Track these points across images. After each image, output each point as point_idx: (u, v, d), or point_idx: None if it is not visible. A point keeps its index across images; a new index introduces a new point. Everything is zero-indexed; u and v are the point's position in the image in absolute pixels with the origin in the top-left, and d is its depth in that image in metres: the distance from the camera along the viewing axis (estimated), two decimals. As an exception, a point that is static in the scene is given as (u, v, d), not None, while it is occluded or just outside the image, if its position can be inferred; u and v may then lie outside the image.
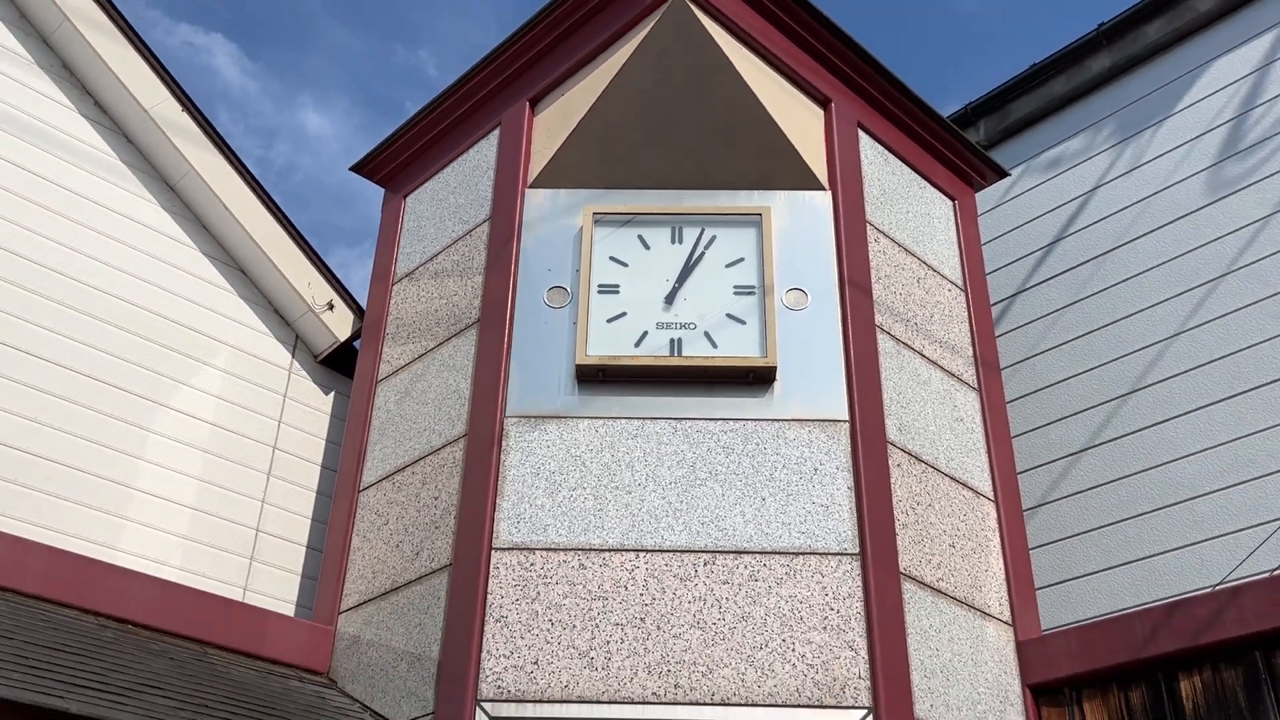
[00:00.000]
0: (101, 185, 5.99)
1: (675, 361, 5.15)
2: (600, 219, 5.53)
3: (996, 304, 6.70)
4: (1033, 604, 5.33)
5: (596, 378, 5.17)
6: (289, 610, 5.90)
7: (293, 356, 6.44)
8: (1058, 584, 5.53)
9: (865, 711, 4.48)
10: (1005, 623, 5.24)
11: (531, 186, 5.76)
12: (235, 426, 6.08)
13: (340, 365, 6.60)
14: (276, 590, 5.84)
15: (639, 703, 4.50)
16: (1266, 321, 5.59)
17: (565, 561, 4.80)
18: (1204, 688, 4.69)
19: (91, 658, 4.19)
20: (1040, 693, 5.11)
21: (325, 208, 28.96)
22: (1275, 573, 4.69)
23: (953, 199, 6.54)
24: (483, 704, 4.53)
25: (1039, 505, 5.84)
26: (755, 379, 5.13)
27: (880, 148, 6.22)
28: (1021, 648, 5.20)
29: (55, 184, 5.86)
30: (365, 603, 5.33)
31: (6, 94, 5.82)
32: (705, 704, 4.49)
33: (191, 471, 5.83)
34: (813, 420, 5.08)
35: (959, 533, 5.29)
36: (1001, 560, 5.41)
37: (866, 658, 4.60)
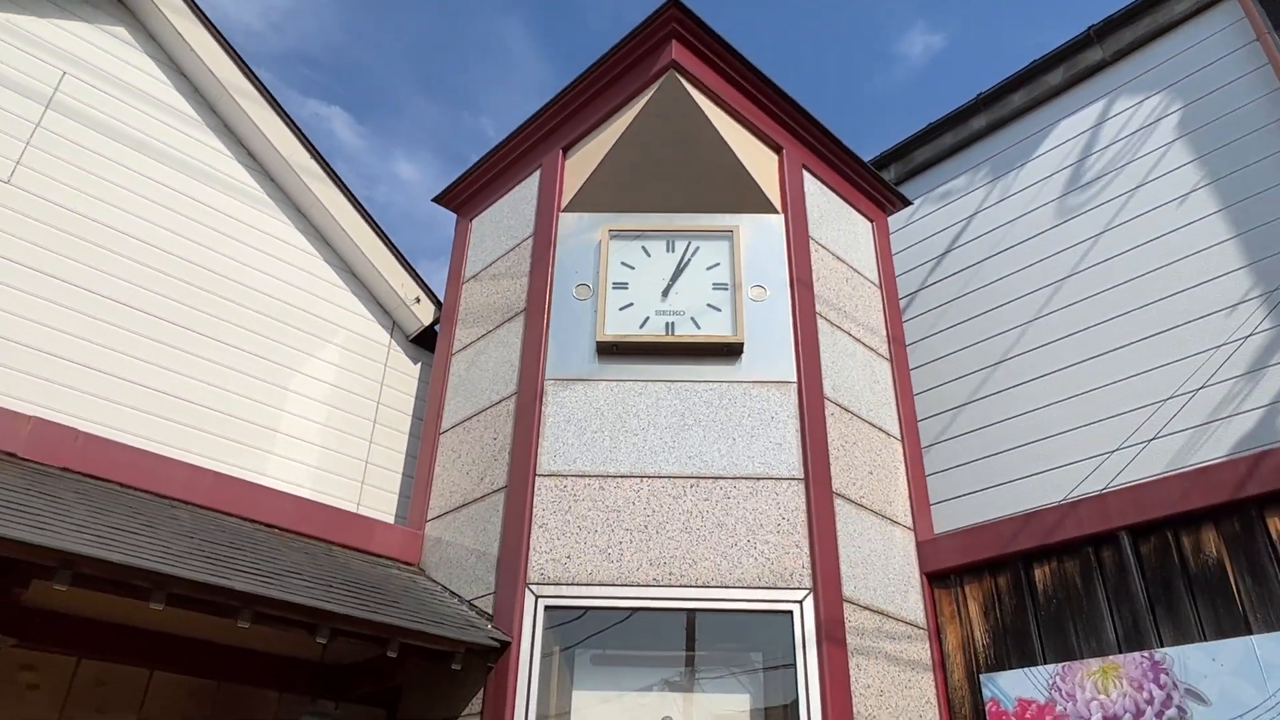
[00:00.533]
0: (252, 212, 6.05)
1: (669, 338, 5.20)
2: (614, 234, 5.58)
3: (904, 298, 6.76)
4: (928, 514, 5.42)
5: (612, 351, 5.22)
6: (389, 519, 5.99)
7: (390, 336, 6.50)
8: (947, 500, 5.61)
9: (807, 591, 4.56)
10: (908, 528, 5.32)
11: (564, 211, 5.81)
12: (349, 386, 6.16)
13: (425, 343, 6.68)
14: (380, 505, 5.93)
15: (643, 585, 4.57)
16: (1098, 311, 5.66)
17: (589, 484, 4.87)
18: (1051, 574, 4.78)
19: (248, 551, 4.27)
20: (934, 578, 5.20)
21: (413, 231, 29.57)
22: (1102, 492, 4.77)
23: (871, 220, 6.60)
24: (530, 586, 4.60)
25: (933, 444, 5.93)
26: (728, 351, 5.19)
27: (819, 182, 6.26)
28: (920, 546, 5.27)
29: (220, 212, 5.92)
30: (445, 514, 5.40)
31: (184, 145, 5.87)
32: (691, 586, 4.57)
33: (318, 419, 5.91)
34: (770, 381, 5.15)
35: (875, 463, 5.36)
36: (906, 483, 5.48)
37: (808, 553, 4.67)
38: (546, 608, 4.59)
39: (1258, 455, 4.34)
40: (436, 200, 6.84)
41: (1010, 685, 4.04)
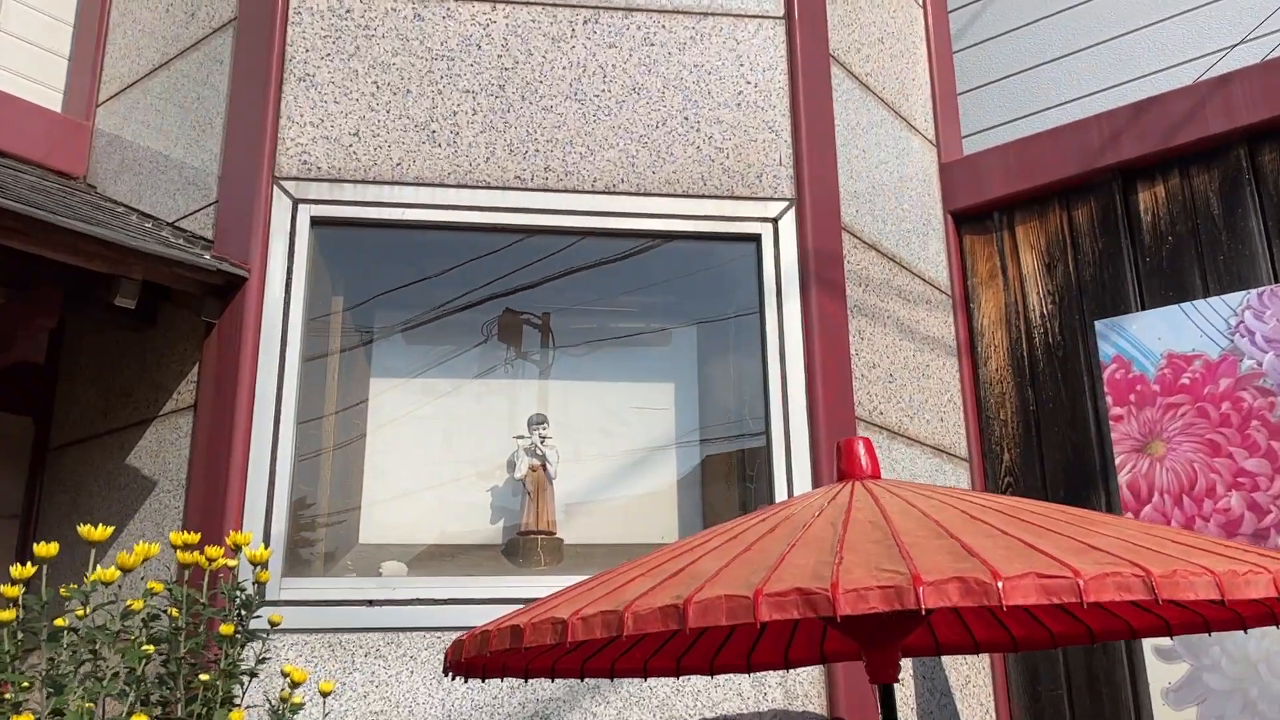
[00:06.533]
0: None
1: None
2: None
3: None
4: (955, 124, 3.87)
5: None
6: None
7: None
8: (989, 129, 3.97)
9: (787, 204, 2.99)
10: (929, 141, 3.76)
11: None
12: None
13: None
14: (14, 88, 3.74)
15: (497, 188, 2.89)
16: None
17: (395, 10, 3.00)
18: (1168, 196, 3.35)
19: None
20: (964, 219, 3.76)
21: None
22: (1274, 55, 3.27)
23: None
24: (282, 182, 2.82)
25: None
26: None
27: None
28: (945, 171, 3.75)
29: None
30: (130, 87, 3.43)
31: None
32: (584, 191, 2.92)
33: None
34: None
35: (888, 24, 3.71)
36: (929, 68, 3.87)
37: (790, 142, 3.04)
38: (316, 222, 2.86)
39: None
40: None
41: (1153, 333, 2.61)
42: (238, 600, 2.08)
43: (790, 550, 1.48)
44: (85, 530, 1.87)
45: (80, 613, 1.95)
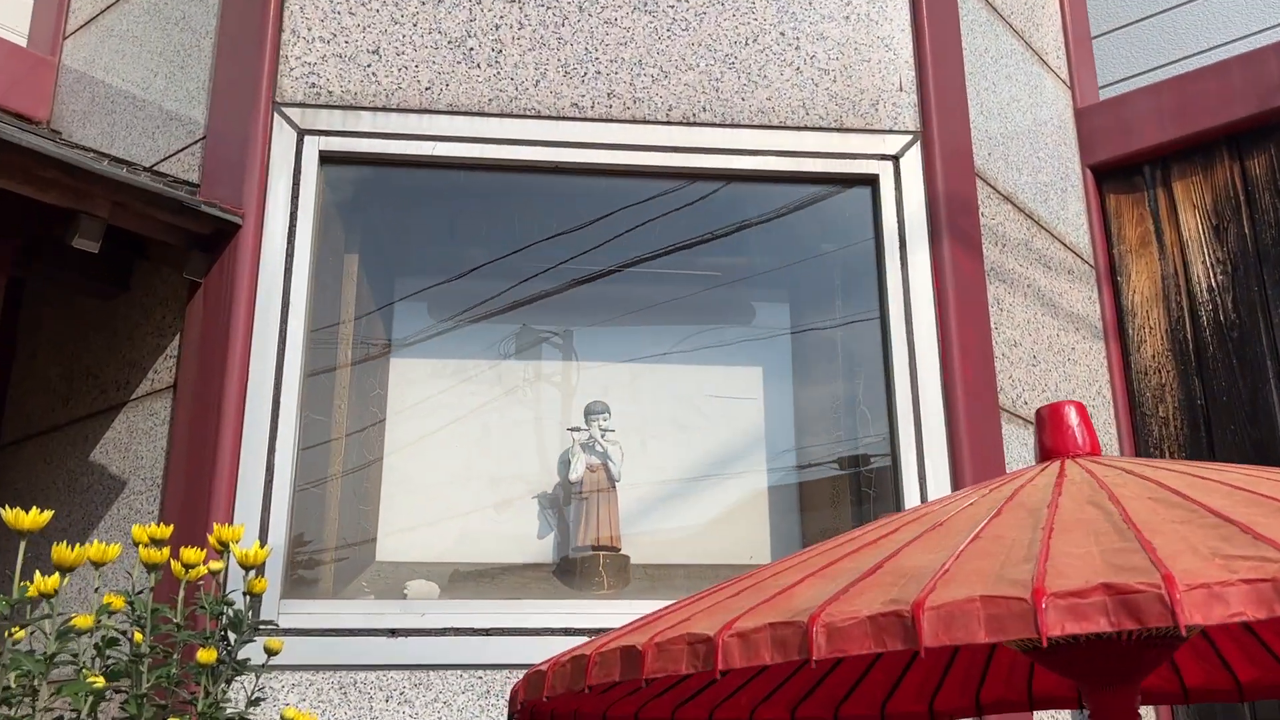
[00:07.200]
0: None
1: None
2: None
3: None
4: (1092, 70, 3.40)
5: None
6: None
7: None
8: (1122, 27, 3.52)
9: (910, 138, 2.53)
10: (1063, 81, 3.30)
11: None
12: None
13: None
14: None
15: (550, 117, 2.46)
16: None
17: (426, -94, 2.58)
18: (1375, 138, 2.87)
19: None
20: (1107, 174, 3.28)
21: None
22: None
23: None
24: (285, 109, 2.42)
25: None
26: None
27: None
28: (1083, 116, 3.29)
29: None
30: (103, 12, 3.03)
31: None
32: (656, 122, 2.49)
33: None
34: None
35: (1016, -59, 3.24)
36: (1059, 2, 3.42)
37: (913, 65, 2.60)
38: (325, 158, 2.45)
39: None
40: None
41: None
42: (223, 619, 1.64)
43: (1049, 536, 1.02)
44: (12, 515, 1.44)
45: (15, 634, 1.52)
